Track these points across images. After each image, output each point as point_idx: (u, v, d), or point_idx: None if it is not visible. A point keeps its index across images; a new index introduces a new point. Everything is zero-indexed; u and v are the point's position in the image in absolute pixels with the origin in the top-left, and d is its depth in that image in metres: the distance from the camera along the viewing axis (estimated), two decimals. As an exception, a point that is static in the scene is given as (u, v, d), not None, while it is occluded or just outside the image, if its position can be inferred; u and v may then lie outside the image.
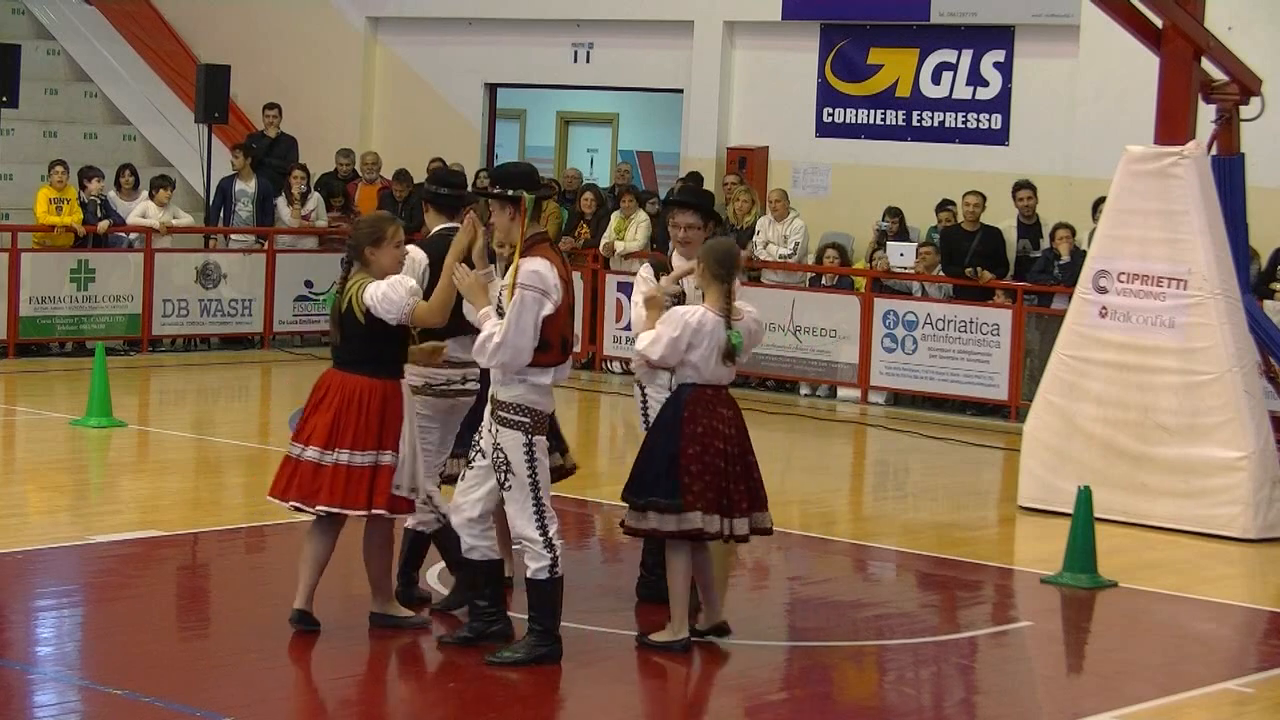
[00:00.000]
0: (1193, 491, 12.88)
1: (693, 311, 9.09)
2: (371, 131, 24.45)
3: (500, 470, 8.66)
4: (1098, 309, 13.35)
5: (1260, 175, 15.55)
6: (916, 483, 15.44)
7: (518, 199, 8.66)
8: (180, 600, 10.27)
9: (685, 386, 9.13)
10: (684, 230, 9.75)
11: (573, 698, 8.60)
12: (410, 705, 8.51)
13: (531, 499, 8.65)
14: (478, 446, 8.83)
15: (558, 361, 8.70)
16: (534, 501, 8.66)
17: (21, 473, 13.60)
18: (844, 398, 18.91)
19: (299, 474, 8.96)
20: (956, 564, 11.73)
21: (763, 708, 8.59)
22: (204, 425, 16.38)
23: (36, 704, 8.07)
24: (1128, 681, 9.23)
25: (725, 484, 9.05)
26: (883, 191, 20.09)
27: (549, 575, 8.67)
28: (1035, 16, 19.75)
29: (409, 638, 9.17)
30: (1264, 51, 16.11)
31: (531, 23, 23.11)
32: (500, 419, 8.65)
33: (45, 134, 23.45)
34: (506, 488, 8.66)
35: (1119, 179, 13.42)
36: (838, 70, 21.04)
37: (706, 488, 8.99)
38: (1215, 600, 11.16)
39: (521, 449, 8.62)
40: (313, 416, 8.97)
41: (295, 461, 8.98)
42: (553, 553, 8.66)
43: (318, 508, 8.93)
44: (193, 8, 25.53)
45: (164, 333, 20.16)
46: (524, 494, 8.64)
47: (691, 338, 9.03)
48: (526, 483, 8.64)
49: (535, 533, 8.65)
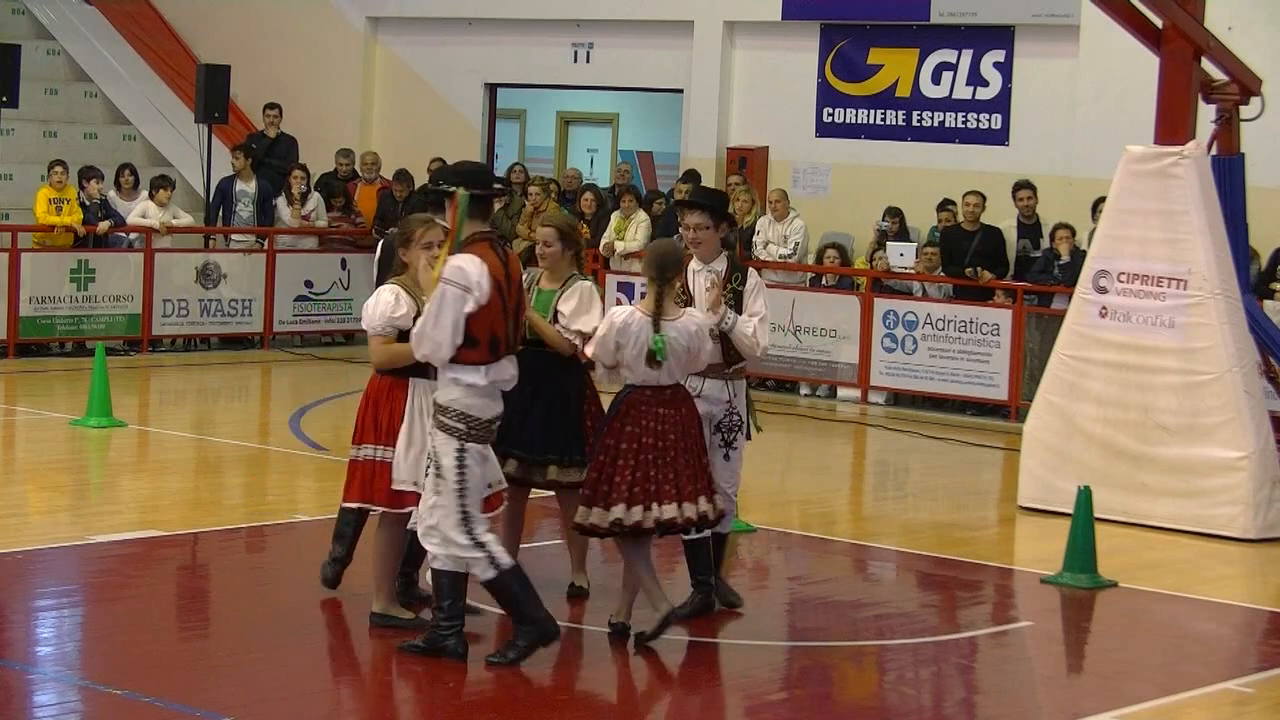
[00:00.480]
0: (1193, 491, 12.88)
1: (622, 311, 9.14)
2: (371, 131, 24.45)
3: (430, 472, 8.64)
4: (1098, 309, 13.35)
5: (1260, 175, 15.55)
6: (916, 483, 15.44)
7: (450, 194, 8.64)
8: (180, 600, 10.27)
9: (625, 388, 9.19)
10: (694, 231, 9.72)
11: (573, 697, 8.60)
12: (410, 705, 8.50)
13: (457, 506, 8.57)
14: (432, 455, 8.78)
15: (487, 360, 8.58)
16: (459, 509, 8.57)
17: (21, 473, 13.60)
18: (844, 398, 18.91)
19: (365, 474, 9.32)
20: (956, 564, 11.73)
21: (763, 708, 8.59)
22: (204, 425, 16.38)
23: (36, 704, 8.07)
24: (1128, 681, 9.23)
25: (649, 474, 9.03)
26: (883, 191, 20.09)
27: (496, 572, 8.62)
28: (1035, 16, 19.75)
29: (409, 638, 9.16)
30: (1264, 51, 16.11)
31: (531, 23, 23.11)
32: (437, 422, 8.61)
33: (45, 134, 23.45)
34: (436, 490, 8.61)
35: (1119, 179, 13.42)
36: (838, 70, 21.04)
37: (628, 482, 9.00)
38: (1215, 600, 11.16)
39: (453, 454, 8.55)
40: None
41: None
42: (484, 550, 8.59)
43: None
44: (193, 8, 25.53)
45: (164, 333, 20.16)
46: (450, 499, 8.57)
47: (618, 337, 9.07)
48: (454, 489, 8.56)
49: (462, 538, 8.58)
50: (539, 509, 11.74)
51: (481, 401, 8.59)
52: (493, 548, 8.63)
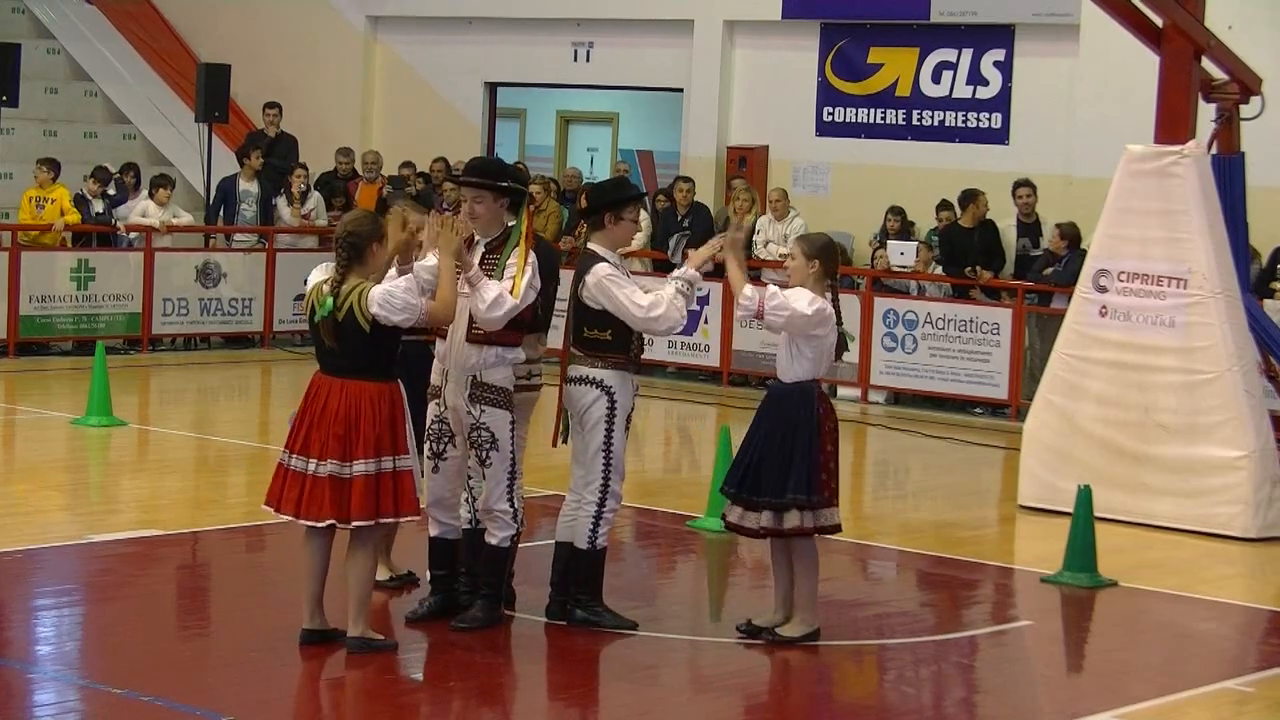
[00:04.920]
0: (1193, 491, 12.88)
1: (810, 297, 9.66)
2: (371, 131, 24.45)
3: (484, 448, 9.04)
4: (1098, 308, 13.35)
5: (1260, 175, 15.54)
6: (916, 482, 15.43)
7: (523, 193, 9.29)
8: (180, 600, 10.27)
9: (809, 382, 9.74)
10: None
11: (573, 697, 8.60)
12: (411, 704, 8.50)
13: (507, 474, 9.10)
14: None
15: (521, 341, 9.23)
16: (509, 477, 9.11)
17: (22, 472, 13.59)
18: (844, 397, 18.90)
19: (323, 489, 8.64)
20: (956, 563, 11.73)
21: (763, 707, 8.59)
22: (204, 424, 16.38)
23: (36, 703, 8.07)
24: (1128, 681, 9.23)
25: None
26: (883, 191, 20.09)
27: (512, 543, 9.21)
28: (1035, 16, 19.75)
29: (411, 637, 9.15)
30: (1264, 50, 16.10)
31: (531, 22, 23.11)
32: (487, 399, 9.05)
33: (45, 133, 23.46)
34: (487, 464, 9.07)
35: (1119, 178, 13.42)
36: (838, 69, 21.04)
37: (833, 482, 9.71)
38: (1215, 600, 11.16)
39: (508, 426, 9.08)
40: (318, 429, 8.69)
41: (310, 478, 8.66)
42: (519, 524, 9.21)
43: (354, 523, 8.64)
44: (193, 7, 25.53)
45: (164, 332, 20.17)
46: (503, 470, 9.09)
47: (824, 321, 9.88)
48: (510, 458, 9.08)
49: (507, 504, 9.14)
50: (539, 509, 11.75)
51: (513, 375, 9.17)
52: (522, 520, 9.24)
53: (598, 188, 9.98)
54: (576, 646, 9.15)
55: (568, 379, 9.33)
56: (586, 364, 9.28)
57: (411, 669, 8.87)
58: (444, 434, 9.17)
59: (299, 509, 8.70)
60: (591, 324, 9.25)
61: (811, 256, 9.55)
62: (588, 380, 9.26)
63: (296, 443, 8.73)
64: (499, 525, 9.16)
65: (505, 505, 9.13)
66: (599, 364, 9.26)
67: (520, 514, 9.22)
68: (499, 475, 9.09)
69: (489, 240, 9.09)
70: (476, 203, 9.11)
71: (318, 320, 8.83)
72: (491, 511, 9.17)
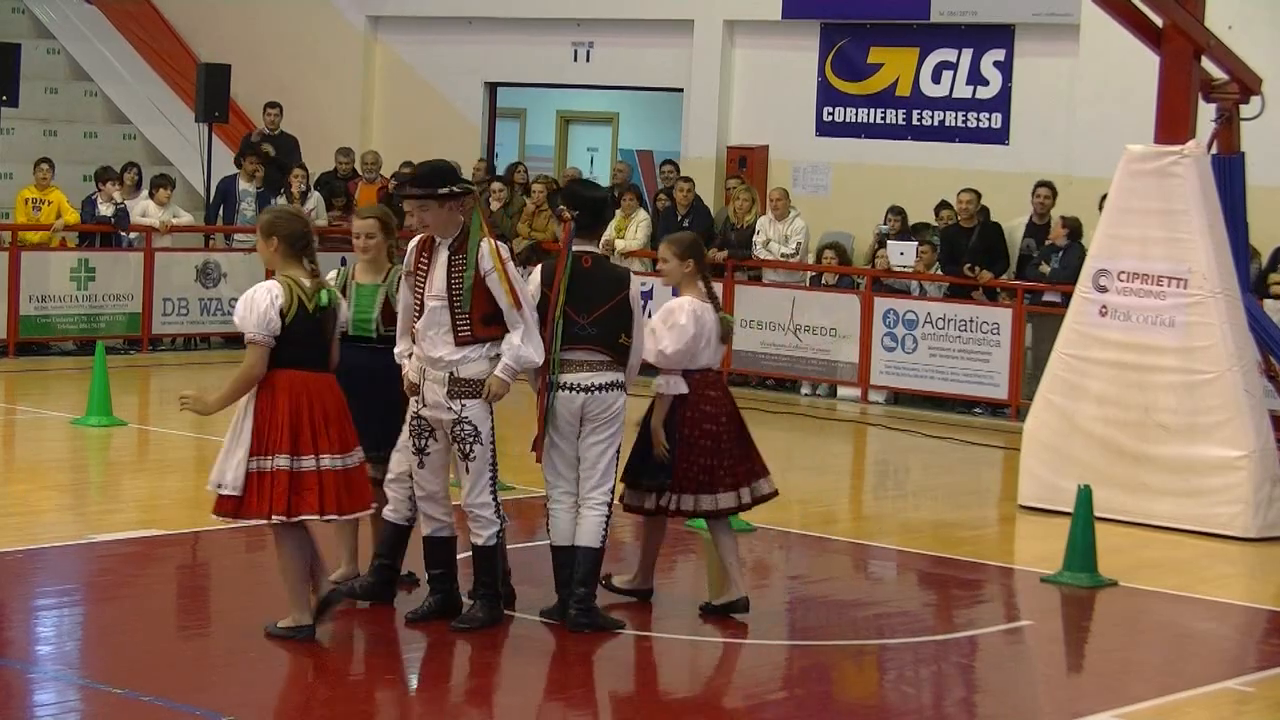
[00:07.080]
0: (1193, 491, 12.88)
1: (682, 306, 9.73)
2: (372, 130, 24.45)
3: (467, 441, 9.06)
4: (1098, 308, 13.35)
5: (1260, 174, 15.54)
6: (916, 482, 15.44)
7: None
8: (180, 600, 10.28)
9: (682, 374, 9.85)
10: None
11: (572, 696, 8.60)
12: (411, 704, 8.50)
13: (490, 470, 9.14)
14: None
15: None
16: (492, 472, 9.15)
17: (22, 472, 13.59)
18: (844, 397, 18.91)
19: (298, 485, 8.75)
20: (956, 563, 11.73)
21: (763, 707, 8.59)
22: (204, 424, 16.24)
23: (36, 703, 8.07)
24: (1128, 681, 9.23)
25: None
26: (883, 191, 20.09)
27: (498, 540, 9.21)
28: (1035, 15, 19.75)
29: (412, 635, 9.16)
30: (1264, 50, 16.10)
31: (531, 22, 23.11)
32: (468, 394, 9.04)
33: (45, 133, 23.46)
34: (471, 458, 9.05)
35: (1119, 178, 13.42)
36: (838, 69, 21.04)
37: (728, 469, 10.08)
38: (1215, 600, 11.16)
39: (489, 420, 9.11)
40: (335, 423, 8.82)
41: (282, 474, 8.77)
42: (501, 520, 9.21)
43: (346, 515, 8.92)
44: (193, 7, 25.53)
45: (164, 332, 20.17)
46: (486, 465, 9.12)
47: (699, 329, 9.84)
48: (490, 452, 9.13)
49: (490, 498, 9.15)
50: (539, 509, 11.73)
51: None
52: (504, 518, 9.27)
53: (583, 196, 9.68)
54: (576, 647, 9.15)
55: (597, 386, 9.33)
56: (616, 370, 9.40)
57: (411, 669, 8.88)
58: (424, 429, 9.21)
59: (340, 506, 8.80)
60: (626, 333, 9.40)
61: (685, 257, 9.84)
62: (618, 386, 9.42)
63: (323, 442, 8.77)
64: (481, 524, 9.16)
65: (488, 498, 9.12)
66: (619, 370, 9.44)
67: (502, 509, 9.23)
68: (481, 468, 9.11)
69: (450, 241, 9.18)
70: (423, 211, 9.22)
71: (319, 316, 8.94)
72: (473, 509, 9.17)
